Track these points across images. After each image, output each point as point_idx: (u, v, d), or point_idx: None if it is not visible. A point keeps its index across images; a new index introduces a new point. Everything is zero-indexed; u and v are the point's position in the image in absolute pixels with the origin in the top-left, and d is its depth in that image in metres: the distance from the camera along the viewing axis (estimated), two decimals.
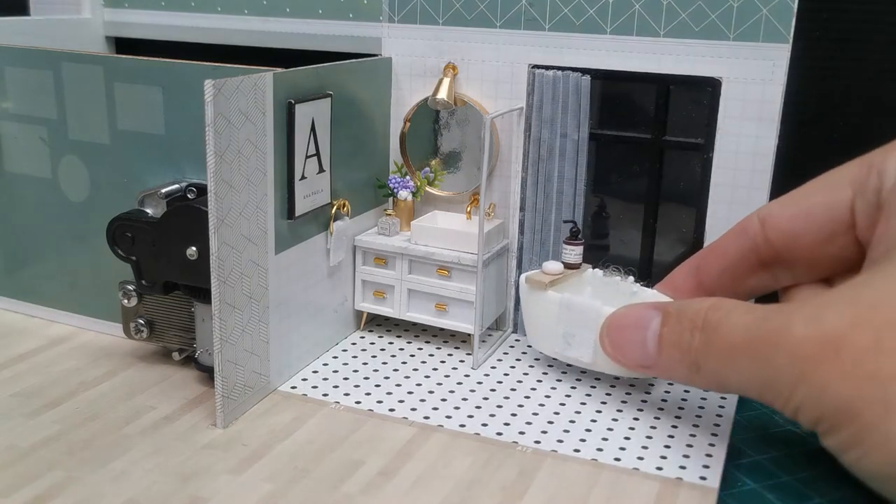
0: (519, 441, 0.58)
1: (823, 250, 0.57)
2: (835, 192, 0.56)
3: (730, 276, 0.61)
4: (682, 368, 0.55)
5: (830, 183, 0.57)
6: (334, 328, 0.71)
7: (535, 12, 0.69)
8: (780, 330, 0.49)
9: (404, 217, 0.73)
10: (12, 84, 0.71)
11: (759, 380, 0.50)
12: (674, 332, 0.55)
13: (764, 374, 0.50)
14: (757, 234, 0.59)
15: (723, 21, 0.64)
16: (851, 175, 0.56)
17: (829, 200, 0.57)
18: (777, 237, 0.59)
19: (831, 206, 0.56)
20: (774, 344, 0.49)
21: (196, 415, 0.60)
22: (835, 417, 0.47)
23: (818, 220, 0.57)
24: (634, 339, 0.58)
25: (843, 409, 0.46)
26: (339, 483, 0.52)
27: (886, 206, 0.52)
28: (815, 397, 0.47)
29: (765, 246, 0.59)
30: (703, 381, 0.55)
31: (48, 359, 0.68)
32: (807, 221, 0.57)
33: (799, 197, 0.59)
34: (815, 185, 0.58)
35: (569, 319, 0.64)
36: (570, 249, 0.68)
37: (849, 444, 0.47)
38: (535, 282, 0.66)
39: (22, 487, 0.50)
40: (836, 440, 0.48)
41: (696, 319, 0.54)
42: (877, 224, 0.53)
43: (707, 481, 0.53)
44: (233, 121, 0.55)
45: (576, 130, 0.70)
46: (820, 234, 0.57)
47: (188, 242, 0.60)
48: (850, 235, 0.56)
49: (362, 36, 0.76)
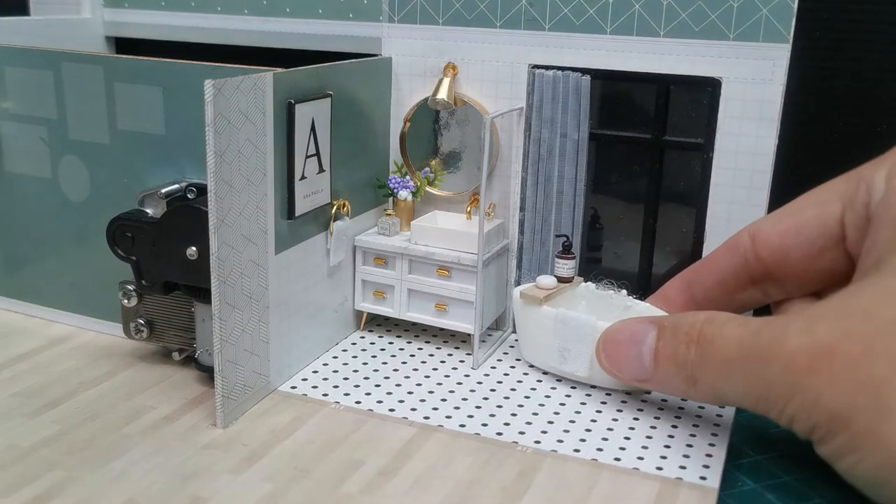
0: (519, 441, 0.58)
1: (814, 265, 0.58)
2: (825, 206, 0.57)
3: (722, 291, 0.62)
4: (678, 382, 0.56)
5: (820, 198, 0.58)
6: (334, 328, 0.71)
7: (535, 12, 0.69)
8: (774, 342, 0.49)
9: (404, 217, 0.73)
10: (12, 84, 0.71)
11: (753, 391, 0.51)
12: (669, 345, 0.56)
13: (758, 386, 0.50)
14: (747, 250, 0.60)
15: (723, 21, 0.64)
16: (840, 189, 0.57)
17: (820, 215, 0.57)
18: (767, 254, 0.59)
19: (822, 221, 0.57)
20: (768, 356, 0.49)
21: (196, 415, 0.60)
22: (829, 425, 0.47)
23: (809, 234, 0.57)
24: (630, 354, 0.59)
25: (837, 416, 0.47)
26: (339, 483, 0.52)
27: (876, 219, 0.53)
28: (809, 406, 0.48)
29: (755, 262, 0.60)
30: (700, 394, 0.55)
31: (48, 359, 0.68)
32: (797, 236, 0.58)
33: (789, 212, 0.59)
34: (805, 201, 0.59)
35: (564, 334, 0.64)
36: (563, 263, 0.68)
37: (843, 450, 0.48)
38: (530, 297, 0.66)
39: (22, 487, 0.50)
40: (830, 448, 0.49)
41: (692, 333, 0.54)
42: (866, 237, 0.54)
43: (707, 481, 0.53)
44: (233, 121, 0.55)
45: (576, 130, 0.70)
46: (811, 248, 0.57)
47: (188, 242, 0.60)
48: (841, 249, 0.57)
49: (362, 36, 0.76)
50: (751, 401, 0.52)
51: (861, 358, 0.46)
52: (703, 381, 0.54)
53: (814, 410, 0.48)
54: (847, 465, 0.48)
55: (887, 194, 0.53)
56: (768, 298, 0.61)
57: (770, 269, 0.59)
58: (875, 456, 0.46)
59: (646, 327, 0.58)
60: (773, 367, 0.49)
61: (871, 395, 0.46)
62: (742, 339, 0.51)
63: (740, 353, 0.51)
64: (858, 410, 0.46)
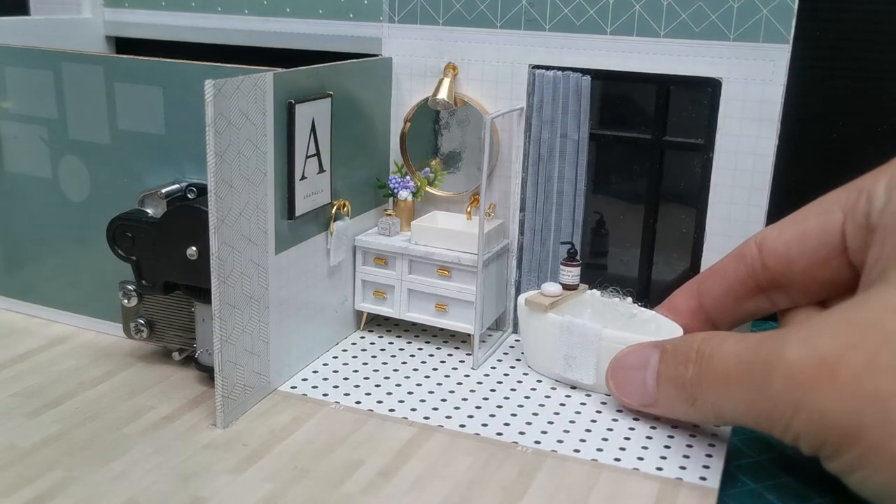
0: (519, 441, 0.58)
1: (818, 274, 0.58)
2: (827, 216, 0.57)
3: (730, 299, 0.62)
4: (679, 403, 0.56)
5: (822, 207, 0.58)
6: (334, 328, 0.71)
7: (536, 12, 0.69)
8: (773, 355, 0.49)
9: (404, 217, 0.73)
10: (12, 84, 0.71)
11: (755, 408, 0.50)
12: (669, 367, 0.56)
13: (760, 402, 0.50)
14: (754, 258, 0.60)
15: (723, 21, 0.64)
16: (842, 199, 0.57)
17: (822, 224, 0.57)
18: (773, 262, 0.59)
19: (824, 230, 0.57)
20: (768, 369, 0.49)
21: (196, 415, 0.60)
22: (838, 442, 0.47)
23: (812, 244, 0.57)
24: (636, 379, 0.59)
25: (846, 432, 0.46)
26: (339, 483, 0.52)
27: (879, 230, 0.53)
28: (816, 423, 0.47)
29: (762, 270, 0.60)
30: (700, 413, 0.55)
31: (48, 359, 0.68)
32: (801, 245, 0.58)
33: (793, 221, 0.59)
34: (809, 210, 0.59)
35: (569, 342, 0.64)
36: (568, 271, 0.68)
37: (854, 466, 0.47)
38: (535, 304, 0.66)
39: (22, 487, 0.50)
40: (840, 464, 0.48)
41: (690, 352, 0.54)
42: (868, 247, 0.54)
43: (707, 481, 0.53)
44: (233, 121, 0.55)
45: (576, 131, 0.70)
46: (814, 257, 0.57)
47: (188, 242, 0.60)
48: (843, 258, 0.56)
49: (362, 36, 0.76)
50: (752, 418, 0.51)
51: (866, 371, 0.46)
52: (702, 400, 0.54)
53: (820, 427, 0.47)
54: (858, 480, 0.48)
55: (889, 205, 0.52)
56: (775, 307, 0.61)
57: (776, 278, 0.59)
58: (886, 471, 0.46)
59: (649, 351, 0.58)
60: (774, 381, 0.48)
61: (879, 410, 0.45)
62: (740, 354, 0.51)
63: (739, 368, 0.51)
64: (868, 426, 0.45)
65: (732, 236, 0.67)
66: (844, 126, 0.77)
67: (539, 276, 0.72)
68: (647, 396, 0.58)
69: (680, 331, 0.63)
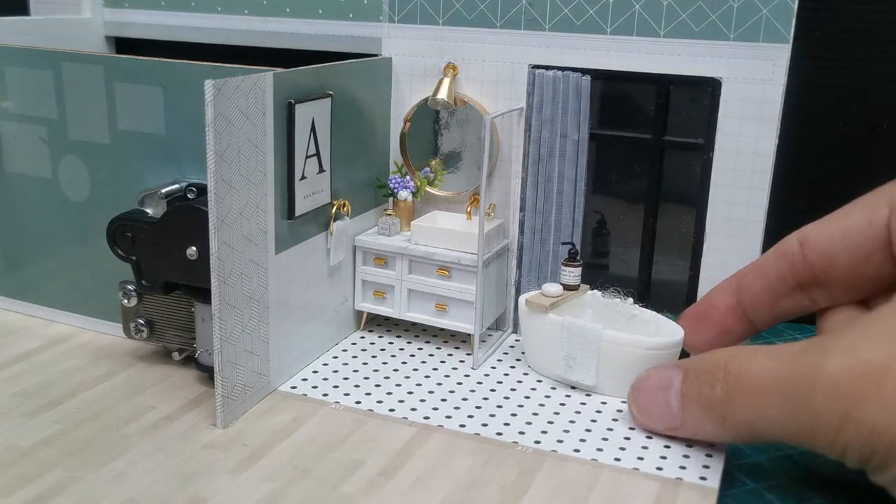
0: (519, 441, 0.58)
1: (861, 269, 0.56)
2: (872, 210, 0.56)
3: (769, 296, 0.60)
4: (707, 423, 0.54)
5: (868, 202, 0.57)
6: (334, 328, 0.71)
7: (535, 12, 0.69)
8: (813, 367, 0.48)
9: (404, 217, 0.73)
10: (12, 84, 0.71)
11: (794, 423, 0.49)
12: (693, 387, 0.54)
13: (800, 417, 0.48)
14: (796, 254, 0.59)
15: (723, 21, 0.64)
16: (888, 194, 0.56)
17: (866, 219, 0.56)
18: (815, 257, 0.58)
19: (868, 225, 0.56)
20: (809, 382, 0.47)
21: (196, 415, 0.60)
22: (888, 454, 0.46)
23: (855, 239, 0.56)
24: (659, 401, 0.57)
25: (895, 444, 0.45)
26: (339, 483, 0.52)
27: None
28: (864, 436, 0.46)
29: (803, 266, 0.58)
30: (731, 433, 0.53)
31: (48, 359, 0.68)
32: (844, 240, 0.57)
33: (837, 217, 0.58)
34: (853, 206, 0.58)
35: (570, 342, 0.64)
36: (569, 271, 0.67)
37: None
38: (536, 304, 0.66)
39: (22, 487, 0.50)
40: (889, 476, 0.47)
41: (716, 371, 0.53)
42: None
43: (707, 481, 0.53)
44: (233, 121, 0.55)
45: (576, 130, 0.70)
46: (858, 252, 0.56)
47: (188, 242, 0.60)
48: (887, 254, 0.55)
49: (362, 36, 0.76)
50: (791, 434, 0.49)
51: None
52: (732, 420, 0.52)
53: (869, 440, 0.46)
54: None
55: None
56: (815, 305, 0.60)
57: (817, 274, 0.58)
58: None
59: (671, 373, 0.56)
60: (816, 395, 0.47)
61: None
62: (776, 370, 0.49)
63: (775, 384, 0.49)
64: None
65: (732, 236, 0.67)
66: (844, 126, 0.77)
67: (539, 276, 0.72)
68: (673, 419, 0.56)
69: (681, 332, 0.63)
